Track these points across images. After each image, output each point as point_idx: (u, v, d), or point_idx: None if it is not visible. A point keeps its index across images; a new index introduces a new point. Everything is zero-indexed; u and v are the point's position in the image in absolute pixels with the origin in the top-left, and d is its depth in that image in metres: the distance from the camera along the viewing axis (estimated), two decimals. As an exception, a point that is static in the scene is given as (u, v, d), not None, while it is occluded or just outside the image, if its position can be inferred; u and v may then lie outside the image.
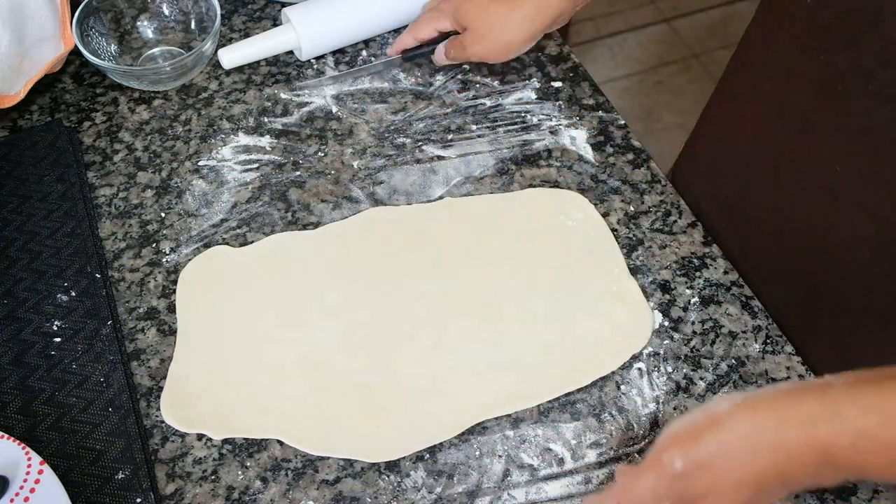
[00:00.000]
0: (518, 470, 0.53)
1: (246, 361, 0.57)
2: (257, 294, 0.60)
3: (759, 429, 0.41)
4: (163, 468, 0.53)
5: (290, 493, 0.52)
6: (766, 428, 0.41)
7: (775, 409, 0.41)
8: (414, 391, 0.55)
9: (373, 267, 0.62)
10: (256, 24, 0.80)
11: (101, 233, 0.64)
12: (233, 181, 0.68)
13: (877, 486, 0.52)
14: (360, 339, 0.58)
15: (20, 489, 0.46)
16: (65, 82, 0.75)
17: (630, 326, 0.59)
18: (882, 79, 0.51)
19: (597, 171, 0.68)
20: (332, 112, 0.73)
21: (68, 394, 0.54)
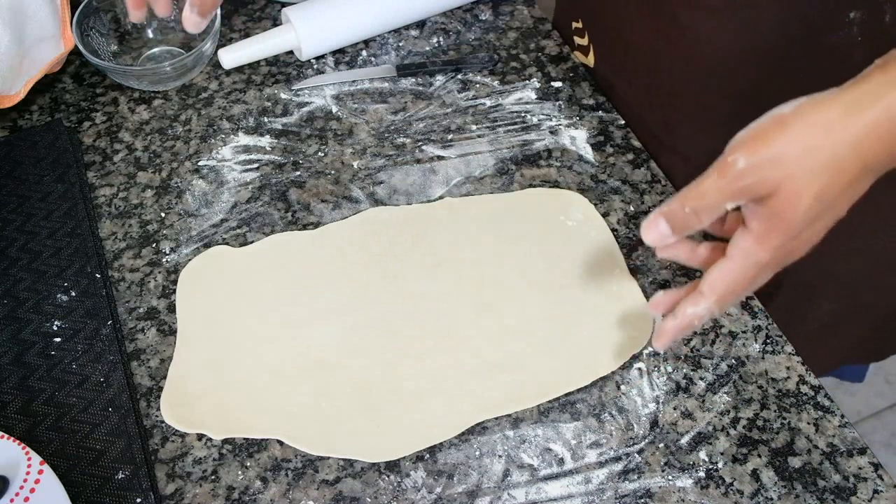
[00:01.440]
0: (518, 470, 0.53)
1: (246, 361, 0.57)
2: (257, 294, 0.60)
3: (829, 113, 0.39)
4: (163, 468, 0.53)
5: (290, 493, 0.52)
6: (836, 111, 0.39)
7: (841, 93, 0.39)
8: (414, 391, 0.55)
9: (373, 267, 0.62)
10: (256, 24, 0.80)
11: (101, 233, 0.64)
12: (233, 181, 0.68)
13: (877, 486, 0.52)
14: (360, 339, 0.58)
15: (20, 489, 0.46)
16: (65, 82, 0.75)
17: (630, 326, 0.59)
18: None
19: (597, 171, 0.68)
20: (332, 112, 0.73)
21: (68, 394, 0.54)
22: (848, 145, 0.39)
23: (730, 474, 0.52)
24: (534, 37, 0.79)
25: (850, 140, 0.39)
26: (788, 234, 0.41)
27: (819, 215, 0.41)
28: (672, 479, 0.52)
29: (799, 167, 0.39)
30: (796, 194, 0.40)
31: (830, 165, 0.39)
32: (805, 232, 0.42)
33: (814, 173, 0.39)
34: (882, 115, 0.39)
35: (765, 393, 0.56)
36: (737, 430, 0.54)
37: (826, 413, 0.55)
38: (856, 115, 0.39)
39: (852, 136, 0.39)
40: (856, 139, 0.39)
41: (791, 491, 0.52)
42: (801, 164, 0.39)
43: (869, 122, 0.39)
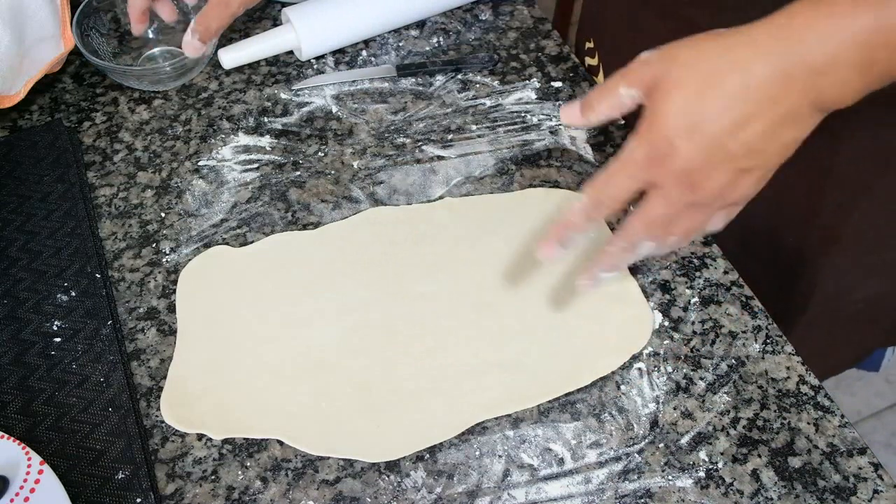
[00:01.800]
0: (518, 470, 0.53)
1: (246, 361, 0.57)
2: (257, 294, 0.60)
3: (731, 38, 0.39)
4: (163, 468, 0.53)
5: (290, 493, 0.52)
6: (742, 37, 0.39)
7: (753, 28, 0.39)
8: (414, 391, 0.55)
9: (373, 267, 0.62)
10: (256, 24, 0.80)
11: (101, 233, 0.64)
12: (233, 181, 0.68)
13: (877, 486, 0.52)
14: (360, 339, 0.58)
15: (20, 489, 0.46)
16: (65, 82, 0.75)
17: (630, 326, 0.59)
18: None
19: (597, 171, 0.68)
20: (332, 112, 0.73)
21: (68, 394, 0.54)
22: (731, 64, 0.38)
23: (730, 474, 0.52)
24: (534, 37, 0.79)
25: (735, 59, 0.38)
26: (661, 131, 0.40)
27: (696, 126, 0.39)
28: (672, 479, 0.52)
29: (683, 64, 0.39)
30: (669, 89, 0.39)
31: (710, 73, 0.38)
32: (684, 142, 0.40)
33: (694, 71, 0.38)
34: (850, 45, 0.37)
35: (765, 393, 0.56)
36: (737, 430, 0.54)
37: (826, 413, 0.55)
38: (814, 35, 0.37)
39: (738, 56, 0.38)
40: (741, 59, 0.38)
41: (791, 491, 0.52)
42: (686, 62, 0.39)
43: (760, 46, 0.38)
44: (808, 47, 0.37)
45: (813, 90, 0.38)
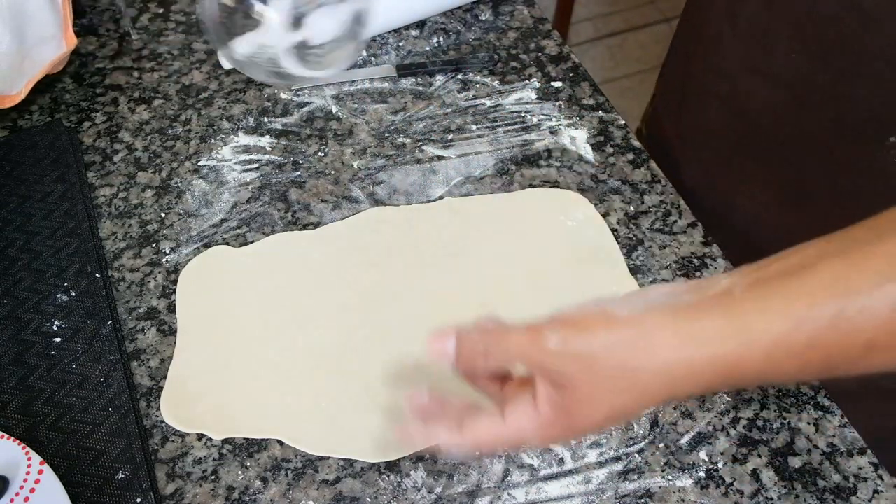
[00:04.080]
0: (518, 470, 0.53)
1: (246, 361, 0.57)
2: (257, 294, 0.60)
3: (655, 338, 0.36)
4: (163, 468, 0.53)
5: (290, 493, 0.52)
6: (664, 340, 0.36)
7: (676, 326, 0.36)
8: (414, 391, 0.55)
9: (373, 267, 0.62)
10: (256, 24, 0.80)
11: (101, 233, 0.64)
12: (233, 181, 0.68)
13: (877, 486, 0.52)
14: (360, 339, 0.58)
15: (20, 489, 0.46)
16: (65, 82, 0.75)
17: (630, 326, 0.59)
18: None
19: (597, 171, 0.68)
20: (332, 112, 0.73)
21: (68, 394, 0.54)
22: (662, 380, 0.36)
23: (730, 474, 0.52)
24: (534, 37, 0.79)
25: (666, 375, 0.36)
26: (570, 432, 0.40)
27: (609, 424, 0.39)
28: (672, 479, 0.52)
29: (605, 380, 0.37)
30: (591, 404, 0.38)
31: (637, 391, 0.37)
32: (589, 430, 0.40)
33: (616, 391, 0.37)
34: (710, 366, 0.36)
35: (765, 393, 0.56)
36: (737, 430, 0.54)
37: (826, 413, 0.55)
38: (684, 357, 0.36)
39: (670, 373, 0.36)
40: (673, 377, 0.36)
41: (791, 491, 0.52)
42: (609, 377, 0.37)
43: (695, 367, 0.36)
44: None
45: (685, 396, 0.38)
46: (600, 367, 0.37)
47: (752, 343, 0.35)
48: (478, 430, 0.40)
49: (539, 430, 0.39)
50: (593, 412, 0.38)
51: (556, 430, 0.39)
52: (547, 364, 0.38)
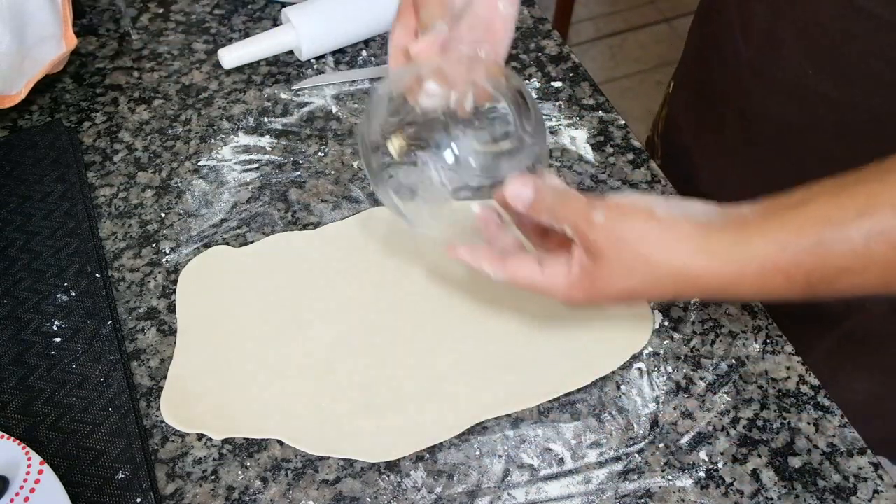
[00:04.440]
0: (518, 470, 0.53)
1: (246, 361, 0.57)
2: (257, 294, 0.60)
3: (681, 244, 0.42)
4: (163, 468, 0.53)
5: (290, 493, 0.52)
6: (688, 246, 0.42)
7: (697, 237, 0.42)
8: (414, 391, 0.55)
9: (373, 266, 0.62)
10: (256, 24, 0.80)
11: (101, 233, 0.64)
12: (233, 181, 0.68)
13: (877, 486, 0.52)
14: (360, 339, 0.58)
15: (20, 489, 0.46)
16: (65, 82, 0.75)
17: (630, 326, 0.59)
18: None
19: (597, 171, 0.68)
20: (332, 112, 0.73)
21: (68, 394, 0.54)
22: (672, 277, 0.43)
23: (730, 474, 0.52)
24: (534, 37, 0.79)
25: (677, 275, 0.43)
26: (591, 297, 0.46)
27: (622, 301, 0.46)
28: (672, 479, 0.52)
29: (627, 261, 0.43)
30: (610, 277, 0.44)
31: (649, 279, 0.43)
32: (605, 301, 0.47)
33: (633, 274, 0.44)
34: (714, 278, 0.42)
35: (765, 393, 0.56)
36: (737, 430, 0.54)
37: (826, 413, 0.55)
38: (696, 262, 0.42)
39: (680, 275, 0.43)
40: (681, 279, 0.43)
41: (791, 491, 0.52)
42: (631, 260, 0.43)
43: (700, 275, 0.42)
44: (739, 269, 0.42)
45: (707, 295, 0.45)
46: (628, 250, 0.43)
47: (749, 260, 0.41)
48: (518, 269, 0.48)
49: (566, 287, 0.46)
50: (611, 285, 0.44)
51: (579, 292, 0.46)
52: (588, 234, 0.44)
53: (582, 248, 0.45)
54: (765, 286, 0.42)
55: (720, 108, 0.70)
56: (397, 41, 0.53)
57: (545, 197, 0.46)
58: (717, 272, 0.42)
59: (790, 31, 0.59)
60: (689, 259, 0.42)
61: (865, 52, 0.55)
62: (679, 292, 0.44)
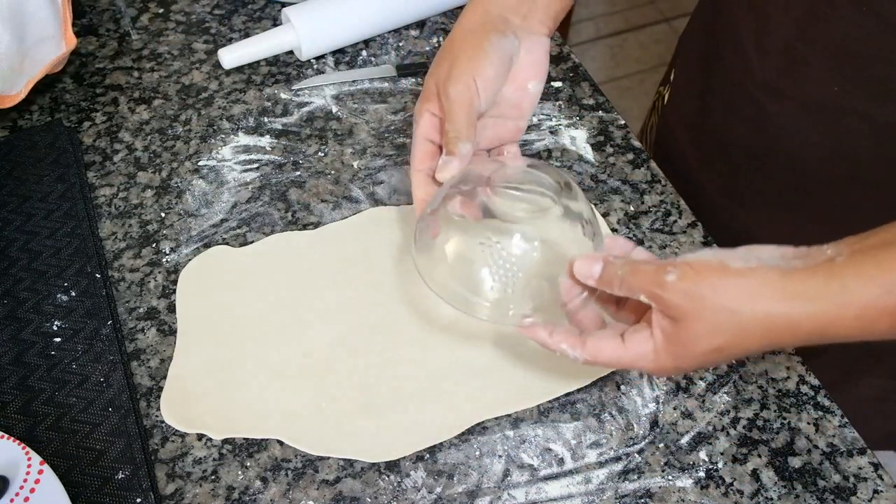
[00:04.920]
0: (518, 470, 0.53)
1: (246, 361, 0.57)
2: (257, 294, 0.60)
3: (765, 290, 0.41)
4: (163, 468, 0.53)
5: (290, 493, 0.52)
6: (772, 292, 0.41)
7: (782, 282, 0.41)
8: (414, 391, 0.55)
9: (373, 267, 0.62)
10: (256, 24, 0.80)
11: (101, 233, 0.64)
12: (233, 181, 0.68)
13: (877, 486, 0.52)
14: (360, 339, 0.58)
15: (20, 489, 0.46)
16: (65, 82, 0.75)
17: (630, 326, 0.59)
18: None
19: (597, 171, 0.68)
20: (332, 112, 0.73)
21: (68, 394, 0.54)
22: (762, 326, 0.41)
23: (730, 474, 0.52)
24: (534, 37, 0.79)
25: (767, 323, 0.41)
26: (679, 363, 0.44)
27: (711, 360, 0.44)
28: (672, 479, 0.52)
29: (710, 317, 0.42)
30: (696, 338, 0.42)
31: (736, 331, 0.42)
32: (695, 363, 0.44)
33: (719, 330, 0.42)
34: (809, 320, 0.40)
35: (765, 393, 0.56)
36: (737, 430, 0.54)
37: (826, 413, 0.55)
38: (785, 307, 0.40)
39: (770, 322, 0.41)
40: (773, 326, 0.41)
41: (791, 491, 0.52)
42: (714, 315, 0.41)
43: (792, 319, 0.40)
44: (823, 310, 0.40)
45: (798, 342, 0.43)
46: (707, 305, 0.41)
47: (846, 303, 0.39)
48: (601, 348, 0.46)
49: (653, 355, 0.45)
50: (697, 344, 0.43)
51: (667, 359, 0.44)
52: (663, 297, 0.43)
53: (661, 314, 0.44)
54: (866, 328, 0.40)
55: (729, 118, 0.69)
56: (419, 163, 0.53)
57: (615, 269, 0.45)
58: (811, 315, 0.40)
59: (815, 51, 0.58)
60: (778, 305, 0.40)
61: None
62: (771, 341, 0.42)
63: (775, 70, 0.62)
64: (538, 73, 0.55)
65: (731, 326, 0.41)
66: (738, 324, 0.41)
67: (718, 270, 0.42)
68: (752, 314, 0.41)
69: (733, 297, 0.41)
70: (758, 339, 0.42)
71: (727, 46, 0.67)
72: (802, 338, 0.42)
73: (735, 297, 0.41)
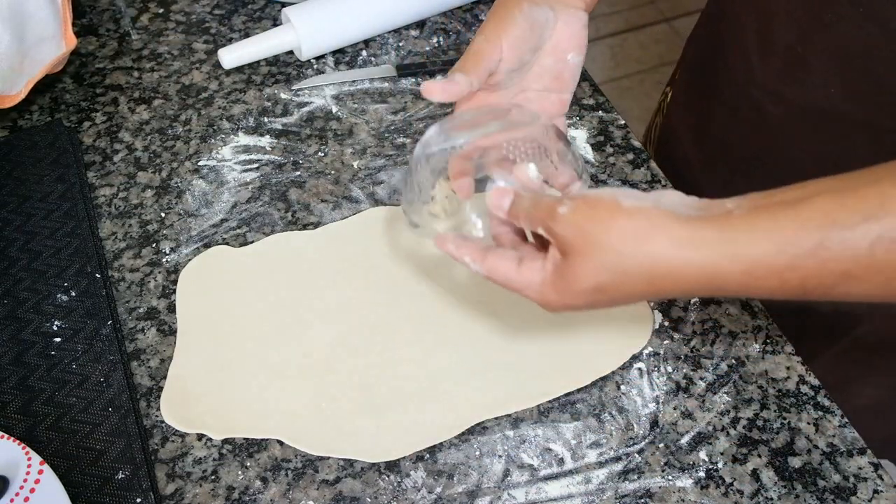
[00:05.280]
0: (518, 470, 0.53)
1: (246, 361, 0.57)
2: (257, 294, 0.60)
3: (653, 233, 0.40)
4: (163, 468, 0.53)
5: (290, 493, 0.52)
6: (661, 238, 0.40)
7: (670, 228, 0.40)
8: (414, 391, 0.55)
9: (373, 267, 0.62)
10: (256, 24, 0.80)
11: (101, 233, 0.64)
12: (233, 181, 0.68)
13: (877, 486, 0.52)
14: (360, 339, 0.58)
15: (20, 489, 0.46)
16: (65, 82, 0.75)
17: (630, 326, 0.59)
18: None
19: (597, 171, 0.68)
20: (332, 112, 0.73)
21: (68, 394, 0.54)
22: (644, 270, 0.40)
23: (730, 474, 0.52)
24: (534, 37, 0.79)
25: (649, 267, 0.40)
26: (563, 298, 0.44)
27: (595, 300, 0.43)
28: (672, 479, 0.52)
29: (595, 254, 0.41)
30: (581, 274, 0.42)
31: (619, 272, 0.41)
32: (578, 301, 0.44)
33: (602, 268, 0.41)
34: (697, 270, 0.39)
35: (765, 393, 0.56)
36: (737, 430, 0.54)
37: (826, 413, 0.55)
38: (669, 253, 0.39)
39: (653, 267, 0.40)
40: (655, 272, 0.40)
41: (791, 491, 0.52)
42: (598, 253, 0.41)
43: (675, 266, 0.40)
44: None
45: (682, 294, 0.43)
46: (593, 241, 0.41)
47: (735, 257, 0.38)
48: (497, 265, 0.46)
49: (540, 287, 0.45)
50: (581, 280, 0.42)
51: (551, 292, 0.44)
52: (556, 229, 0.42)
53: (554, 248, 0.43)
54: (751, 286, 0.39)
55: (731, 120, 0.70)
56: None
57: (522, 202, 0.46)
58: (697, 265, 0.39)
59: (816, 54, 0.58)
60: (665, 251, 0.39)
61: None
62: (654, 287, 0.41)
63: (777, 72, 0.62)
64: (577, 45, 0.56)
65: (615, 267, 0.41)
66: (621, 265, 0.41)
67: (610, 208, 0.41)
68: (634, 256, 0.40)
69: (619, 236, 0.40)
70: (641, 284, 0.41)
71: (731, 47, 0.67)
72: (686, 288, 0.41)
73: (621, 237, 0.40)
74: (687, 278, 0.40)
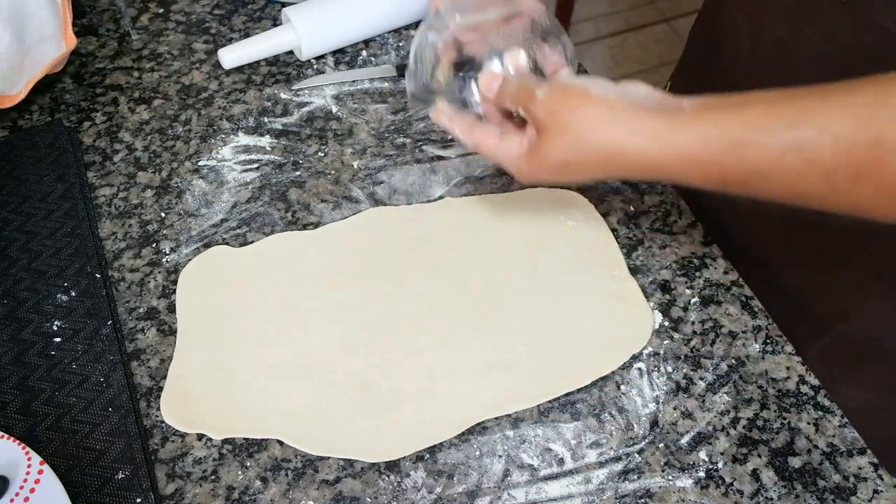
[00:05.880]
0: (518, 470, 0.53)
1: (246, 361, 0.57)
2: (257, 294, 0.60)
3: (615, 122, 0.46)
4: (163, 468, 0.53)
5: (290, 493, 0.52)
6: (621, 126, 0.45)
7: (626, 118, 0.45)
8: (414, 391, 0.55)
9: (373, 267, 0.62)
10: (256, 24, 0.80)
11: (101, 233, 0.64)
12: (233, 181, 0.68)
13: (877, 486, 0.52)
14: (360, 339, 0.58)
15: (20, 489, 0.46)
16: (65, 82, 0.75)
17: (630, 326, 0.59)
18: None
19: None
20: (332, 112, 0.73)
21: (68, 394, 0.54)
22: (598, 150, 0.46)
23: (730, 474, 0.52)
24: (534, 37, 0.79)
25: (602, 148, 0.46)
26: (534, 170, 0.51)
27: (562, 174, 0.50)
28: (672, 479, 0.52)
29: (561, 134, 0.47)
30: (549, 151, 0.48)
31: (579, 152, 0.47)
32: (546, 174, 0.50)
33: (567, 147, 0.47)
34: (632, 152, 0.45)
35: (765, 393, 0.56)
36: (737, 430, 0.54)
37: (826, 413, 0.55)
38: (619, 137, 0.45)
39: (605, 148, 0.46)
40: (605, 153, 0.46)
41: (791, 491, 0.52)
42: (564, 133, 0.47)
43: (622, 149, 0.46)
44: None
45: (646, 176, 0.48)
46: (560, 123, 0.48)
47: (669, 146, 0.44)
48: (483, 137, 0.54)
49: (516, 159, 0.52)
50: (549, 155, 0.49)
51: (526, 165, 0.51)
52: (531, 108, 0.49)
53: (531, 126, 0.50)
54: (680, 174, 0.45)
55: None
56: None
57: (509, 86, 0.52)
58: (639, 150, 0.45)
59: (804, 47, 0.58)
60: (620, 138, 0.45)
61: (884, 70, 0.54)
62: (607, 167, 0.47)
63: (766, 63, 0.62)
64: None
65: (576, 146, 0.47)
66: (581, 145, 0.47)
67: (580, 95, 0.47)
68: (590, 138, 0.46)
69: (583, 120, 0.46)
70: (598, 164, 0.47)
71: (725, 42, 0.67)
72: (634, 171, 0.46)
73: (583, 121, 0.46)
74: (634, 163, 0.46)
